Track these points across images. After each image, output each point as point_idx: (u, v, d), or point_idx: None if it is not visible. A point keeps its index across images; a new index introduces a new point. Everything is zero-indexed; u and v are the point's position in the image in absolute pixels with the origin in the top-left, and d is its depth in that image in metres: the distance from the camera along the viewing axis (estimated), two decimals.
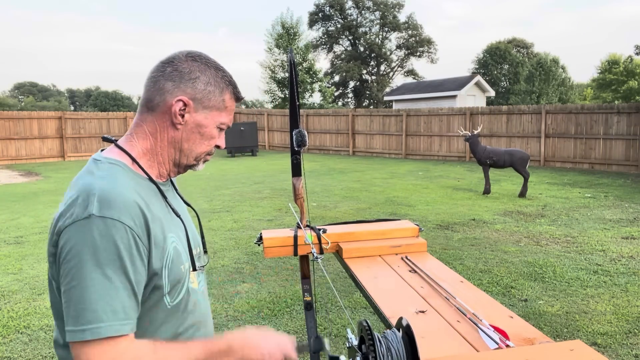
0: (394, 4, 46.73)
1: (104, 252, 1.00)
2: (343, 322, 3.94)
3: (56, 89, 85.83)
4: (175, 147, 1.18)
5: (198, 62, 1.17)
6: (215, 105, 1.18)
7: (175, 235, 1.17)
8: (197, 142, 1.19)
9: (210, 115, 1.18)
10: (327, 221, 7.23)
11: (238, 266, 5.46)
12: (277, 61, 28.22)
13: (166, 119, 1.16)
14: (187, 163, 1.22)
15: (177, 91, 1.14)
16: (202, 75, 1.17)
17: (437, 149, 17.54)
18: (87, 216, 1.01)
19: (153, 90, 1.16)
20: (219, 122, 1.21)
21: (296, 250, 2.18)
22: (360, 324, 1.22)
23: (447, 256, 5.68)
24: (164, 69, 1.16)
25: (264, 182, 12.20)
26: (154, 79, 1.16)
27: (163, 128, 1.16)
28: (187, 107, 1.15)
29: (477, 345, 1.36)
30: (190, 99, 1.15)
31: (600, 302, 4.34)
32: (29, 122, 18.92)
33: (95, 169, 1.11)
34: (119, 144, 1.17)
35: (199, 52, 1.21)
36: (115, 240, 1.01)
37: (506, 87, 43.83)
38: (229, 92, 1.21)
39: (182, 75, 1.15)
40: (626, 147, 13.48)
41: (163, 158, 1.19)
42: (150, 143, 1.17)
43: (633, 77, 34.75)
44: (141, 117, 1.18)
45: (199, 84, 1.16)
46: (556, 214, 8.00)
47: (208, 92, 1.17)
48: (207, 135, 1.20)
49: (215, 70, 1.19)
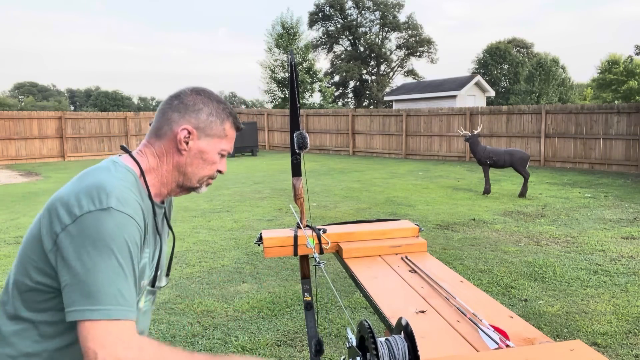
0: (394, 4, 46.73)
1: (119, 241, 1.09)
2: (343, 322, 3.94)
3: (56, 89, 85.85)
4: (179, 171, 1.31)
5: (202, 96, 1.32)
6: (216, 133, 1.32)
7: (150, 251, 1.27)
8: (200, 167, 1.32)
9: (212, 142, 1.32)
10: (327, 221, 7.23)
11: (238, 266, 5.46)
12: (277, 61, 28.22)
13: (172, 145, 1.29)
14: (191, 185, 1.34)
15: (182, 121, 1.28)
16: (205, 107, 1.31)
17: (437, 149, 17.54)
18: (107, 208, 1.10)
19: (162, 120, 1.30)
20: (220, 149, 1.34)
21: (296, 250, 2.18)
22: (360, 324, 1.22)
23: (447, 256, 5.68)
24: (171, 102, 1.31)
25: (264, 182, 12.20)
26: (163, 111, 1.31)
27: (169, 153, 1.29)
28: (191, 135, 1.28)
29: (477, 345, 1.36)
30: (194, 127, 1.29)
31: (600, 302, 4.34)
32: (29, 122, 18.92)
33: (114, 170, 1.21)
34: (133, 155, 1.28)
35: (203, 88, 1.36)
36: (129, 233, 1.11)
37: (506, 87, 43.83)
38: (229, 122, 1.35)
39: (187, 107, 1.29)
40: (626, 147, 13.48)
41: (167, 180, 1.31)
42: (157, 163, 1.29)
43: (633, 77, 34.74)
44: (150, 140, 1.31)
45: (202, 115, 1.30)
46: (556, 214, 8.00)
47: (210, 121, 1.31)
48: (209, 161, 1.33)
49: (217, 102, 1.34)
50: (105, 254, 1.06)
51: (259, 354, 3.47)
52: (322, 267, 1.85)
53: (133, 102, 69.54)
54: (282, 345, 3.60)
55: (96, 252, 1.06)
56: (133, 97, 74.02)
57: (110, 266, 1.07)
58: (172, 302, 4.43)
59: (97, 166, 1.23)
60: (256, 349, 3.54)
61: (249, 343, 3.63)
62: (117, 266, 1.07)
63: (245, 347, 3.56)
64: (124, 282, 1.08)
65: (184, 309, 4.29)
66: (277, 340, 3.68)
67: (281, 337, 3.72)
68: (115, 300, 1.05)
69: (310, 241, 2.11)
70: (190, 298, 4.54)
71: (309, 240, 2.12)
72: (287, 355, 3.45)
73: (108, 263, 1.06)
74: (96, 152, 20.15)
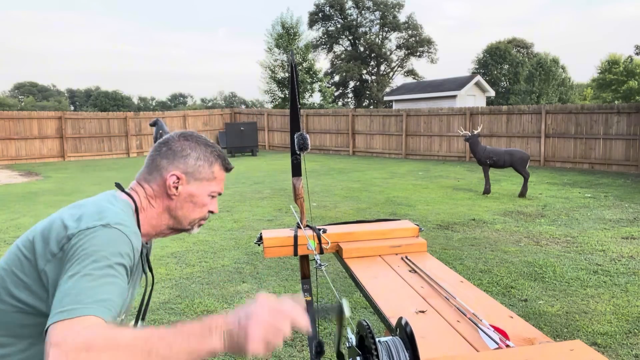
0: (394, 4, 46.72)
1: (118, 254, 1.09)
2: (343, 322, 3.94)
3: (56, 89, 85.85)
4: (170, 214, 1.33)
5: (189, 141, 1.34)
6: (205, 176, 1.35)
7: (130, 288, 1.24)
8: (191, 210, 1.34)
9: (202, 186, 1.34)
10: (327, 221, 7.23)
11: (238, 266, 5.46)
12: (277, 61, 28.20)
13: (162, 190, 1.31)
14: (182, 228, 1.36)
15: (171, 167, 1.31)
16: (192, 151, 1.33)
17: (437, 149, 17.54)
18: (106, 224, 1.12)
19: (151, 166, 1.33)
20: (209, 191, 1.36)
21: (296, 250, 2.18)
22: (360, 323, 1.22)
23: (447, 256, 5.68)
24: (160, 149, 1.34)
25: (264, 182, 12.20)
26: (152, 158, 1.34)
27: (159, 197, 1.32)
28: (180, 180, 1.31)
29: (477, 345, 1.36)
30: (183, 172, 1.31)
31: (600, 302, 4.34)
32: (29, 122, 18.91)
33: (115, 202, 1.24)
34: (128, 192, 1.31)
35: (190, 132, 1.39)
36: (125, 250, 1.11)
37: (506, 87, 43.83)
38: (218, 164, 1.38)
39: (176, 153, 1.32)
40: (626, 147, 13.48)
41: (157, 222, 1.33)
42: (147, 204, 1.31)
43: (633, 77, 34.74)
44: (141, 182, 1.33)
45: (190, 160, 1.32)
46: (556, 214, 8.00)
47: (198, 166, 1.33)
48: (199, 204, 1.35)
49: (205, 146, 1.36)
50: (103, 266, 1.04)
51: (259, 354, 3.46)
52: (323, 269, 1.84)
53: (133, 102, 69.52)
54: (282, 345, 3.60)
55: (95, 264, 1.04)
56: (133, 97, 74.03)
57: (107, 275, 1.04)
58: (172, 302, 4.43)
59: (96, 197, 1.25)
60: None
61: None
62: (113, 276, 1.05)
63: None
64: (115, 295, 1.04)
65: (184, 309, 4.29)
66: None
67: None
68: (94, 300, 0.98)
69: (312, 243, 2.10)
70: (190, 298, 4.54)
71: (310, 242, 2.11)
72: (287, 355, 3.45)
73: (105, 273, 1.04)
74: (96, 152, 20.14)
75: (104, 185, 12.13)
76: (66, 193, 10.94)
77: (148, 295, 1.41)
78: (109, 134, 20.50)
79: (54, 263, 1.10)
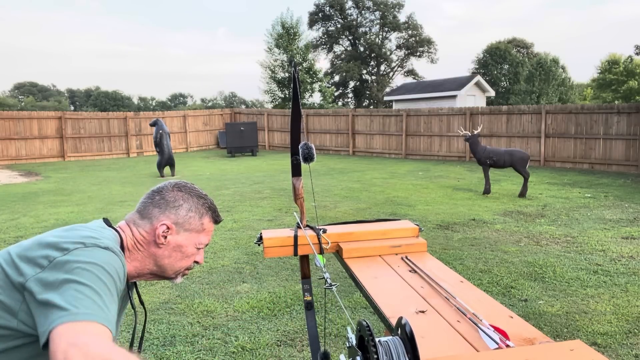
0: (394, 4, 46.72)
1: (107, 271, 1.09)
2: (343, 322, 3.94)
3: (56, 89, 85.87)
4: (155, 262, 1.33)
5: (182, 192, 1.37)
6: (194, 227, 1.36)
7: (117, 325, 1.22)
8: (177, 260, 1.35)
9: (190, 237, 1.35)
10: (327, 221, 7.23)
11: (238, 266, 5.46)
12: (277, 61, 28.20)
13: (151, 237, 1.32)
14: (166, 276, 1.37)
15: (162, 217, 1.32)
16: (185, 203, 1.35)
17: (437, 149, 17.54)
18: (96, 245, 1.13)
19: (143, 213, 1.35)
20: (197, 242, 1.37)
21: (296, 250, 2.18)
22: (359, 323, 1.22)
23: (447, 256, 5.68)
24: (153, 197, 1.36)
25: (264, 182, 12.20)
26: (145, 204, 1.35)
27: (148, 243, 1.32)
28: (170, 230, 1.32)
29: (477, 345, 1.36)
30: (173, 223, 1.33)
31: (600, 302, 4.34)
32: (29, 122, 18.91)
33: (102, 230, 1.26)
34: (116, 229, 1.32)
35: (184, 183, 1.41)
36: (118, 272, 1.13)
37: (506, 87, 43.81)
38: (208, 216, 1.39)
39: (168, 204, 1.34)
40: (626, 147, 13.48)
41: (141, 265, 1.33)
42: (133, 247, 1.32)
43: (633, 77, 34.75)
44: (132, 223, 1.34)
45: (182, 211, 1.34)
46: (556, 214, 8.00)
47: (189, 217, 1.35)
48: (187, 254, 1.36)
49: (197, 198, 1.38)
50: (93, 279, 1.04)
51: (259, 354, 3.47)
52: (334, 290, 1.76)
53: (133, 102, 69.53)
54: (282, 345, 3.61)
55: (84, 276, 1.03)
56: (133, 97, 74.04)
57: (97, 288, 1.03)
58: (172, 302, 4.43)
59: (86, 225, 1.26)
60: (256, 349, 3.54)
61: (249, 343, 3.63)
62: (104, 289, 1.04)
63: (245, 347, 3.56)
64: (108, 303, 1.03)
65: (184, 309, 4.29)
66: (277, 340, 3.68)
67: (281, 337, 3.72)
68: (97, 309, 0.99)
69: (320, 259, 2.04)
70: (190, 298, 4.54)
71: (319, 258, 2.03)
72: (287, 355, 3.45)
73: (95, 285, 1.03)
74: (96, 152, 20.14)
75: (104, 185, 12.13)
76: (66, 193, 10.94)
77: (142, 328, 1.48)
78: (109, 134, 20.50)
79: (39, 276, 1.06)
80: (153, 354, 3.48)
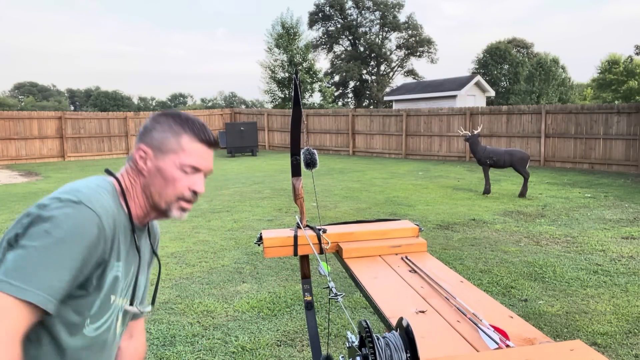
0: (394, 4, 46.71)
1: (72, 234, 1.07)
2: (343, 322, 3.94)
3: (56, 89, 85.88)
4: (145, 193, 1.29)
5: (162, 117, 1.31)
6: (171, 148, 1.27)
7: (125, 267, 1.24)
8: (161, 186, 1.27)
9: (168, 159, 1.27)
10: (327, 221, 7.23)
11: (238, 266, 5.46)
12: (277, 61, 28.20)
13: (135, 167, 1.30)
14: (159, 207, 1.30)
15: (140, 144, 1.30)
16: (159, 125, 1.29)
17: (437, 149, 17.53)
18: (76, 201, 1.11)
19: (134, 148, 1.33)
20: (178, 164, 1.27)
21: (296, 250, 2.18)
22: (359, 324, 1.22)
23: (447, 256, 5.68)
24: (138, 132, 1.34)
25: (264, 182, 12.20)
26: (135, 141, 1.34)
27: (136, 175, 1.29)
28: (147, 155, 1.28)
29: (477, 345, 1.36)
30: (148, 146, 1.28)
31: (600, 302, 4.34)
32: (29, 122, 18.91)
33: (94, 179, 1.25)
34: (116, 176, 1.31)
35: (170, 110, 1.35)
36: (86, 228, 1.09)
37: (506, 87, 43.80)
38: (188, 135, 1.29)
39: (145, 130, 1.30)
40: (626, 147, 13.48)
41: (140, 202, 1.30)
42: (130, 185, 1.29)
43: (633, 77, 34.72)
44: (126, 167, 1.33)
45: (155, 133, 1.29)
46: (556, 214, 7.99)
47: (163, 137, 1.28)
48: (169, 178, 1.27)
49: (174, 118, 1.31)
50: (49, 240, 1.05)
51: (259, 354, 3.47)
52: (340, 300, 1.74)
53: (133, 102, 69.52)
54: (282, 345, 3.60)
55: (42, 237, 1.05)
56: (133, 97, 74.06)
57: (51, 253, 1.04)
58: (172, 302, 4.43)
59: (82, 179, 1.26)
60: (256, 349, 3.54)
61: (249, 343, 3.63)
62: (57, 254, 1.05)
63: (245, 347, 3.56)
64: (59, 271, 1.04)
65: (184, 309, 4.29)
66: (277, 340, 3.68)
67: (281, 337, 3.72)
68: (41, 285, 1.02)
69: (325, 266, 2.01)
70: (190, 298, 4.54)
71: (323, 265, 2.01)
72: (287, 355, 3.45)
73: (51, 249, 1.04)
74: (96, 152, 20.14)
75: None
76: None
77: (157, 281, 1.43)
78: (109, 134, 20.50)
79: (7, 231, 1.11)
80: (153, 354, 3.48)
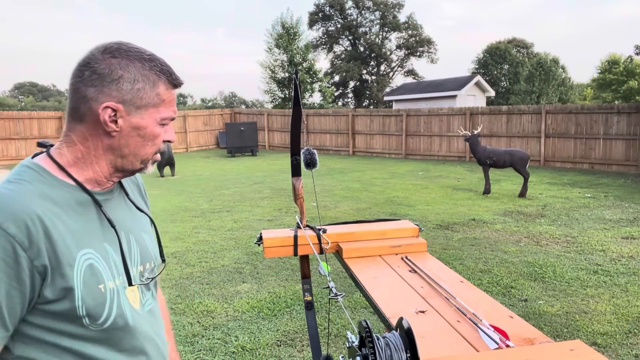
0: (394, 4, 46.71)
1: None
2: (343, 322, 3.94)
3: (56, 89, 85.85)
4: (114, 154, 1.07)
5: (118, 58, 1.04)
6: (149, 102, 1.06)
7: (97, 250, 1.04)
8: (140, 145, 1.08)
9: (147, 114, 1.07)
10: (327, 221, 7.23)
11: (238, 266, 5.46)
12: (277, 61, 28.20)
13: (98, 128, 1.04)
14: (133, 168, 1.11)
15: (101, 97, 1.02)
16: (125, 72, 1.04)
17: (437, 149, 17.53)
18: None
19: (76, 98, 1.04)
20: (158, 119, 1.09)
21: (296, 250, 2.18)
22: (360, 324, 1.22)
23: (447, 256, 5.68)
24: (82, 74, 1.03)
25: (264, 182, 12.20)
26: (74, 86, 1.04)
27: (96, 137, 1.05)
28: (117, 113, 1.03)
29: (477, 345, 1.36)
30: (119, 102, 1.03)
31: (600, 302, 4.34)
32: (29, 122, 18.92)
33: (11, 174, 1.04)
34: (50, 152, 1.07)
35: (117, 45, 1.07)
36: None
37: (506, 87, 43.80)
38: (163, 82, 1.08)
39: (103, 78, 1.02)
40: (626, 147, 13.48)
41: (100, 166, 1.08)
42: (81, 152, 1.06)
43: (633, 77, 34.72)
44: (69, 126, 1.07)
45: (124, 84, 1.03)
46: (556, 214, 7.99)
47: (137, 90, 1.04)
48: (149, 136, 1.08)
49: (141, 62, 1.07)
50: None
51: (259, 354, 3.47)
52: (340, 300, 1.74)
53: None
54: (282, 345, 3.60)
55: None
56: None
57: None
58: (172, 302, 4.43)
59: None
60: (256, 349, 3.54)
61: (249, 343, 3.63)
62: None
63: (245, 347, 3.56)
64: None
65: (184, 309, 4.29)
66: (277, 340, 3.68)
67: (281, 337, 3.72)
68: None
69: (324, 266, 2.00)
70: (190, 298, 4.54)
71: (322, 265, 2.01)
72: (287, 355, 3.45)
73: None
74: None
75: None
76: None
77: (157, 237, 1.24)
78: None
79: None
80: None
